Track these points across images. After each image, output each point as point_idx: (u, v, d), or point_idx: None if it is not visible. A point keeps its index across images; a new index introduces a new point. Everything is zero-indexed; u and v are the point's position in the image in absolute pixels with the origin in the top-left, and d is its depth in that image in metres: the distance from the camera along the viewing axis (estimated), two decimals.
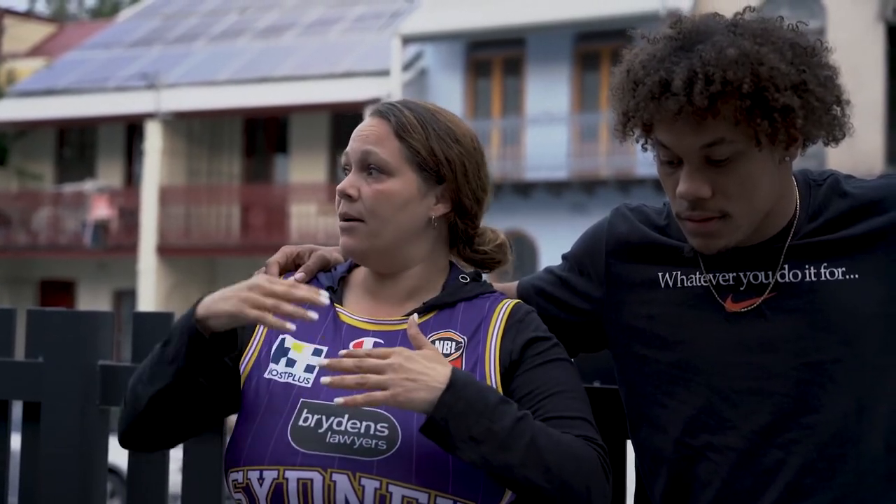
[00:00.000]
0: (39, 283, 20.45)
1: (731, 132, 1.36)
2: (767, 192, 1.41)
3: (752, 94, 1.33)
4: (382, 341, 1.47)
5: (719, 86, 1.32)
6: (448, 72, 17.68)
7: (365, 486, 1.36)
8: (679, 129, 1.37)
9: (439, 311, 1.50)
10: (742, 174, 1.38)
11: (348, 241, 1.50)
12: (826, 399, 1.41)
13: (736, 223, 1.41)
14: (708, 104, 1.33)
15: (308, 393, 1.44)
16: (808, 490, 1.41)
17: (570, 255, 1.62)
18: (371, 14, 19.92)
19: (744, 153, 1.37)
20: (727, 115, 1.34)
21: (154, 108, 18.44)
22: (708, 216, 1.41)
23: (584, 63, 16.91)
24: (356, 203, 1.49)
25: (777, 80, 1.33)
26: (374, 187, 1.48)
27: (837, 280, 1.43)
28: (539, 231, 16.28)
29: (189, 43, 20.62)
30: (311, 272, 1.57)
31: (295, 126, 18.80)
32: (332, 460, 1.38)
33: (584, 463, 1.37)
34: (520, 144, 17.08)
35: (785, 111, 1.34)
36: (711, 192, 1.39)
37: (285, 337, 1.50)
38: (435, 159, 1.50)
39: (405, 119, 1.50)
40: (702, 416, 1.45)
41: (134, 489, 2.02)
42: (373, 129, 1.50)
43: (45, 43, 23.84)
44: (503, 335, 1.47)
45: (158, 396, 1.43)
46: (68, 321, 2.04)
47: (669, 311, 1.48)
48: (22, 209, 19.79)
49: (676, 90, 1.34)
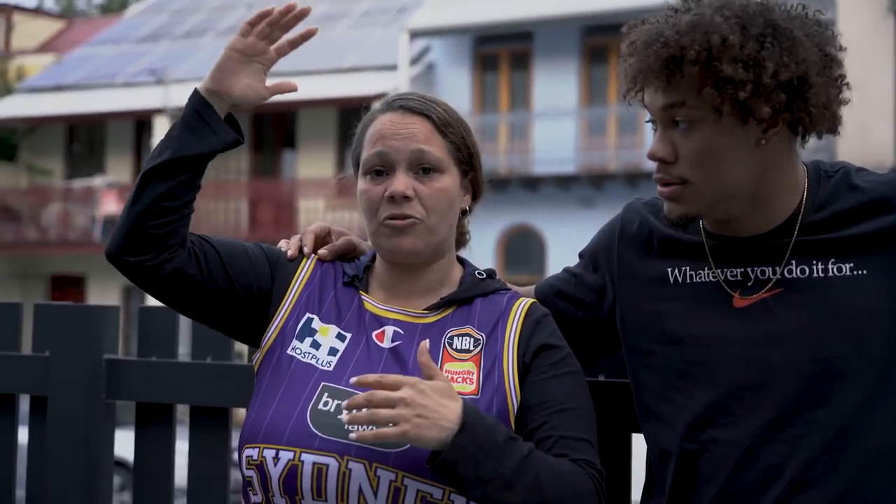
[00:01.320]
0: (50, 279, 20.52)
1: (695, 98, 1.39)
2: (734, 170, 1.41)
3: (703, 62, 1.36)
4: (402, 332, 1.47)
5: (673, 49, 1.37)
6: (455, 66, 17.66)
7: (380, 476, 1.36)
8: (652, 89, 1.42)
9: (458, 306, 1.50)
10: (702, 142, 1.40)
11: (407, 240, 1.48)
12: (832, 394, 1.41)
13: (696, 191, 1.42)
14: (660, 66, 1.38)
15: (330, 377, 1.44)
16: (813, 485, 1.41)
17: (585, 252, 1.63)
18: (378, 9, 19.91)
19: (703, 121, 1.39)
20: (689, 80, 1.38)
21: (162, 104, 18.46)
22: (668, 180, 1.43)
23: (592, 57, 16.88)
24: (413, 202, 1.48)
25: (727, 51, 1.36)
26: (434, 186, 1.49)
27: (845, 276, 1.43)
28: (547, 225, 16.26)
29: (197, 38, 20.64)
30: (335, 253, 1.58)
31: (302, 121, 18.81)
32: (350, 448, 1.38)
33: (583, 498, 1.39)
34: (527, 139, 17.05)
35: (729, 82, 1.35)
36: (674, 156, 1.42)
37: (313, 317, 1.50)
38: (468, 152, 1.53)
39: (442, 113, 1.51)
40: (707, 411, 1.45)
41: (140, 482, 2.03)
42: (416, 128, 1.50)
43: (54, 39, 23.90)
44: (521, 333, 1.48)
45: (153, 173, 1.45)
46: (74, 315, 2.05)
47: (678, 307, 1.48)
48: (32, 205, 19.85)
49: (639, 50, 1.40)
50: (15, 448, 2.13)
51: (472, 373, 1.44)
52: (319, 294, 1.53)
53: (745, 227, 1.46)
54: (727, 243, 1.48)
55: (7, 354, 2.11)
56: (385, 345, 1.47)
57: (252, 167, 19.62)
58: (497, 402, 1.43)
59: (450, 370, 1.44)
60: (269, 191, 18.81)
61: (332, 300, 1.52)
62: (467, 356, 1.45)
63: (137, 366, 2.02)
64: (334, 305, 1.52)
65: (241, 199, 18.76)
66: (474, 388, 1.43)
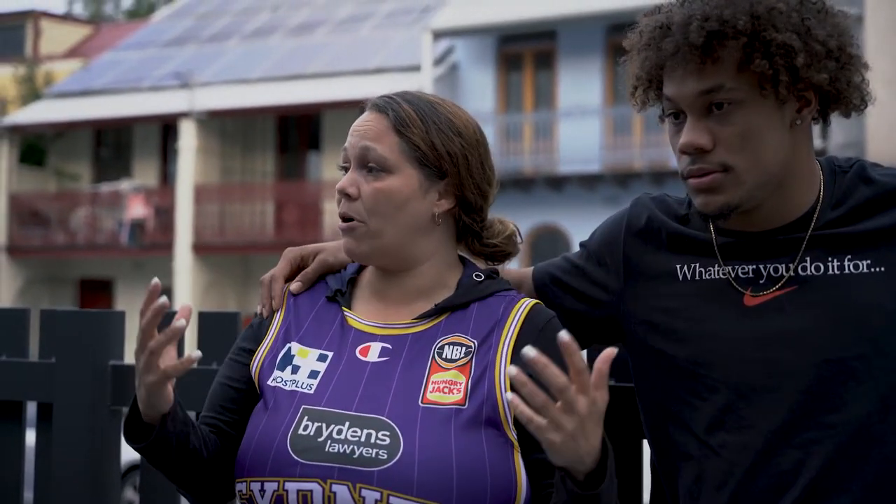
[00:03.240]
0: (78, 283, 20.71)
1: (733, 79, 1.34)
2: (774, 152, 1.37)
3: (750, 32, 1.32)
4: (390, 346, 1.43)
5: (715, 23, 1.32)
6: (479, 66, 17.63)
7: (365, 497, 1.32)
8: (680, 76, 1.36)
9: (452, 312, 1.45)
10: (743, 125, 1.35)
11: (349, 242, 1.46)
12: (848, 397, 1.36)
13: (738, 178, 1.37)
14: (704, 42, 1.33)
15: (310, 399, 1.40)
16: (828, 492, 1.36)
17: (588, 244, 1.58)
18: (401, 10, 19.93)
19: (745, 102, 1.35)
20: (728, 60, 1.33)
21: (188, 107, 18.59)
22: (708, 170, 1.37)
23: (617, 55, 16.77)
24: (356, 203, 1.44)
25: (775, 19, 1.32)
26: (374, 185, 1.43)
27: (862, 273, 1.38)
28: (572, 225, 16.19)
29: (222, 42, 20.76)
30: (308, 281, 1.53)
31: (327, 123, 18.86)
32: (332, 470, 1.34)
33: None
34: (552, 138, 17.00)
35: (784, 50, 1.31)
36: (712, 143, 1.36)
37: (291, 345, 1.47)
38: (436, 154, 1.44)
39: (404, 113, 1.44)
40: (719, 413, 1.40)
41: (147, 487, 2.01)
42: (370, 125, 1.46)
43: (81, 44, 24.16)
44: (517, 341, 1.41)
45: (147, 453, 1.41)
46: (79, 321, 2.04)
47: (687, 305, 1.44)
48: (60, 209, 20.06)
49: (674, 31, 1.34)
50: (23, 454, 2.12)
51: (458, 382, 1.38)
52: (296, 321, 1.49)
53: (761, 221, 1.42)
54: (739, 238, 1.43)
55: (13, 361, 2.10)
56: (369, 359, 1.43)
57: (277, 169, 19.70)
58: (487, 411, 1.37)
59: (435, 381, 1.39)
60: (294, 193, 18.88)
61: (311, 322, 1.48)
62: (454, 365, 1.40)
63: None
64: (314, 327, 1.47)
65: (267, 202, 18.84)
66: (461, 398, 1.37)
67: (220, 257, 18.83)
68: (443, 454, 1.33)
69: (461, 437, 1.34)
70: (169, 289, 19.13)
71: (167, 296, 1.38)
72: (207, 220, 18.70)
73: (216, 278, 18.76)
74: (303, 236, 17.66)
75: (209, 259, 18.71)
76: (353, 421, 1.36)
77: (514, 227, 1.56)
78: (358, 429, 1.35)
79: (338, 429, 1.36)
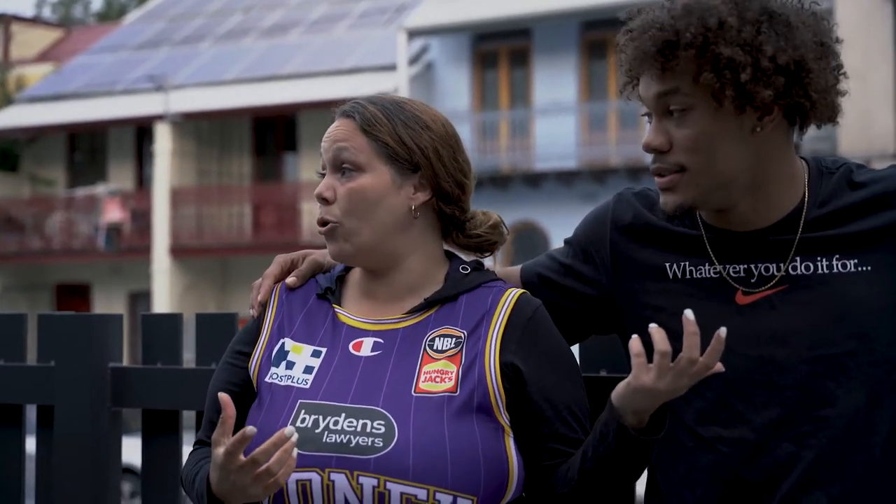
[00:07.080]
0: (55, 288, 20.55)
1: (689, 86, 1.39)
2: (728, 157, 1.41)
3: (700, 44, 1.36)
4: (382, 341, 1.47)
5: (668, 33, 1.37)
6: (454, 64, 17.65)
7: (363, 484, 1.36)
8: (646, 79, 1.42)
9: (441, 306, 1.48)
10: (697, 129, 1.40)
11: (331, 246, 1.50)
12: (839, 392, 1.40)
13: (692, 179, 1.41)
14: (657, 51, 1.38)
15: (306, 394, 1.44)
16: (821, 484, 1.40)
17: (572, 241, 1.60)
18: (376, 9, 19.90)
19: (697, 108, 1.39)
20: (684, 68, 1.38)
21: (163, 110, 18.49)
22: (665, 169, 1.42)
23: (592, 52, 16.86)
24: (332, 206, 1.49)
25: (725, 33, 1.36)
26: (347, 186, 1.48)
27: (850, 272, 1.42)
28: (551, 221, 16.26)
29: (195, 44, 20.65)
30: (303, 277, 1.56)
31: (303, 124, 18.82)
32: (329, 460, 1.38)
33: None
34: (528, 135, 17.05)
35: (729, 64, 1.35)
36: (669, 144, 1.41)
37: (285, 340, 1.50)
38: (405, 148, 1.48)
39: (369, 114, 1.49)
40: (713, 408, 1.44)
41: (149, 488, 2.03)
42: (339, 129, 1.50)
43: (52, 48, 23.93)
44: (505, 330, 1.45)
45: None
46: (78, 325, 2.05)
47: (678, 303, 1.46)
48: (35, 214, 19.89)
49: (635, 36, 1.41)
50: (23, 458, 2.13)
51: (449, 371, 1.43)
52: (289, 316, 1.52)
53: (744, 221, 1.45)
54: (728, 238, 1.47)
55: (13, 365, 2.11)
56: (362, 353, 1.47)
57: (254, 171, 19.63)
58: (478, 398, 1.41)
59: (427, 371, 1.43)
60: (271, 194, 18.83)
61: (302, 318, 1.52)
62: (444, 355, 1.44)
63: (142, 373, 2.02)
64: (306, 323, 1.51)
65: (245, 204, 18.77)
66: (452, 386, 1.42)
67: (198, 260, 18.75)
68: (436, 440, 1.37)
69: (454, 423, 1.39)
70: (147, 292, 19.04)
71: (145, 299, 1.39)
72: (184, 223, 18.61)
73: (194, 281, 18.67)
74: (281, 238, 17.62)
75: (187, 262, 18.62)
76: (348, 412, 1.40)
77: (497, 218, 1.59)
78: (353, 419, 1.40)
79: (334, 420, 1.40)
